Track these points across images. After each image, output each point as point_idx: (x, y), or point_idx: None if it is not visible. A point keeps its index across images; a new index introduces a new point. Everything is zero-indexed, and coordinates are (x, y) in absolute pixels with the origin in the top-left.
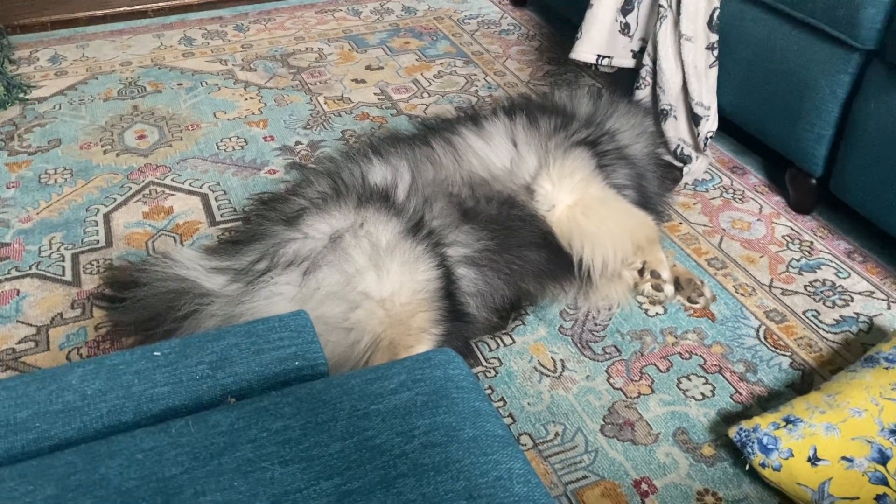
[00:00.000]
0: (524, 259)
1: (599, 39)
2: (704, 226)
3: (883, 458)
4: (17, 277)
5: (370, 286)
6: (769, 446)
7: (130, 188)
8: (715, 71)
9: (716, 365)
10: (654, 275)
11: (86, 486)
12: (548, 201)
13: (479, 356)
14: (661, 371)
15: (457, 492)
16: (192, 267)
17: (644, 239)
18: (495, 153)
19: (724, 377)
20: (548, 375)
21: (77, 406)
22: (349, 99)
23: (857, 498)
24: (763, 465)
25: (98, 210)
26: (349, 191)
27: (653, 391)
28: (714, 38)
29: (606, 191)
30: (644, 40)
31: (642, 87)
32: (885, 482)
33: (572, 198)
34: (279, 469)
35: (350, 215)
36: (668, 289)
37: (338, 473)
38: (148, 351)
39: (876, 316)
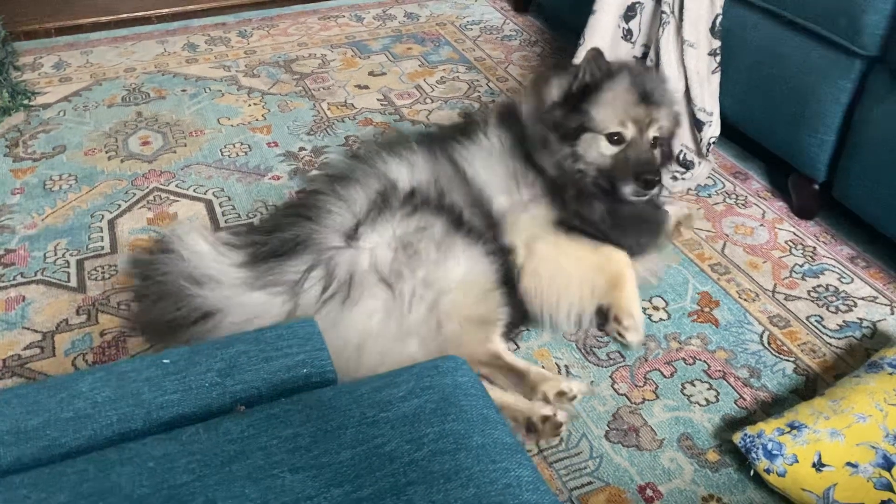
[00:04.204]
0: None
1: (602, 45)
2: (707, 231)
3: (888, 464)
4: (23, 284)
5: (447, 275)
6: (774, 452)
7: (135, 194)
8: (717, 77)
9: (720, 370)
10: (616, 320)
11: (98, 493)
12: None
13: None
14: (665, 377)
15: (466, 499)
16: (224, 281)
17: (606, 284)
18: (494, 183)
19: (728, 382)
20: None
21: (87, 414)
22: (352, 105)
23: None
24: (768, 471)
25: (103, 216)
26: (388, 198)
27: (657, 397)
28: (716, 43)
29: (558, 244)
30: (646, 46)
31: None
32: (890, 488)
33: (527, 253)
34: (290, 476)
35: (403, 219)
36: (632, 336)
37: (348, 481)
38: (157, 358)
39: (879, 321)
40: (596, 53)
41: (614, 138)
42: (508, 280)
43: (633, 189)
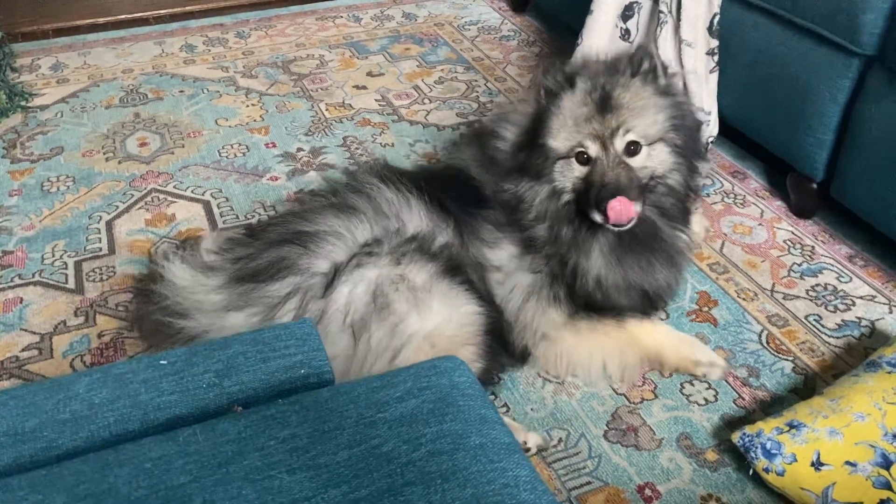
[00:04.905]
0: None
1: (600, 45)
2: (707, 230)
3: (886, 463)
4: (21, 285)
5: (414, 327)
6: (773, 451)
7: (133, 195)
8: (715, 76)
9: None
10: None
11: (95, 495)
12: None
13: None
14: (663, 376)
15: (464, 499)
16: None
17: (639, 359)
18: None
19: (726, 382)
20: (551, 381)
21: (84, 415)
22: (350, 105)
23: (861, 503)
24: (767, 470)
25: (100, 217)
26: (383, 240)
27: (656, 396)
28: (714, 43)
29: (577, 337)
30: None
31: None
32: (888, 487)
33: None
34: (287, 477)
35: (386, 266)
36: (713, 376)
37: (345, 481)
38: (154, 360)
39: (878, 320)
40: (547, 68)
41: (583, 157)
42: (495, 330)
43: (600, 217)
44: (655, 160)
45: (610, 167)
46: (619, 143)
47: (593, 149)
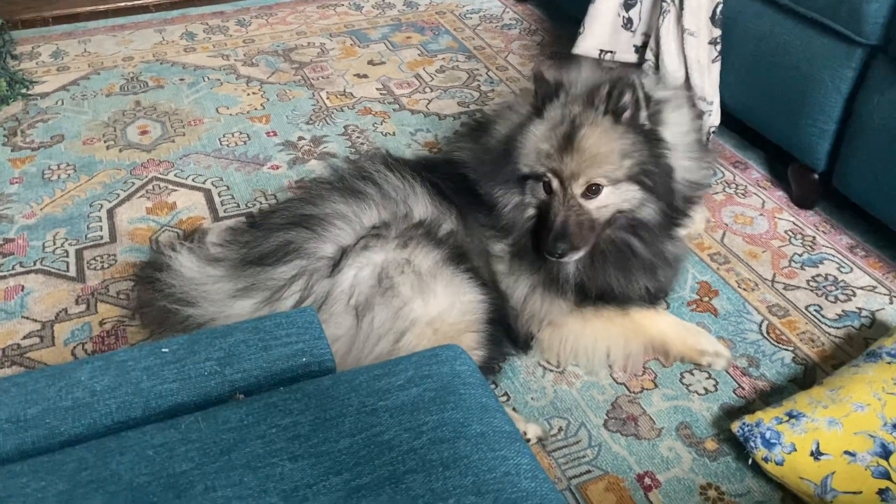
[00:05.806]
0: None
1: (602, 34)
2: (707, 221)
3: (885, 453)
4: (22, 273)
5: (417, 312)
6: (772, 441)
7: (133, 184)
8: (717, 66)
9: None
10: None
11: (97, 481)
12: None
13: None
14: (664, 366)
15: (465, 487)
16: (214, 299)
17: (643, 346)
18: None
19: (726, 372)
20: (551, 370)
21: (86, 402)
22: (351, 94)
23: (860, 492)
24: (766, 460)
25: (101, 206)
26: (393, 223)
27: (656, 386)
28: (717, 32)
29: (583, 324)
30: (647, 35)
31: None
32: (887, 476)
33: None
34: (289, 465)
35: (392, 250)
36: (718, 366)
37: (347, 469)
38: (156, 347)
39: (878, 311)
40: (539, 74)
41: (548, 187)
42: (500, 318)
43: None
44: (619, 197)
45: (563, 207)
46: (577, 188)
47: (554, 183)
